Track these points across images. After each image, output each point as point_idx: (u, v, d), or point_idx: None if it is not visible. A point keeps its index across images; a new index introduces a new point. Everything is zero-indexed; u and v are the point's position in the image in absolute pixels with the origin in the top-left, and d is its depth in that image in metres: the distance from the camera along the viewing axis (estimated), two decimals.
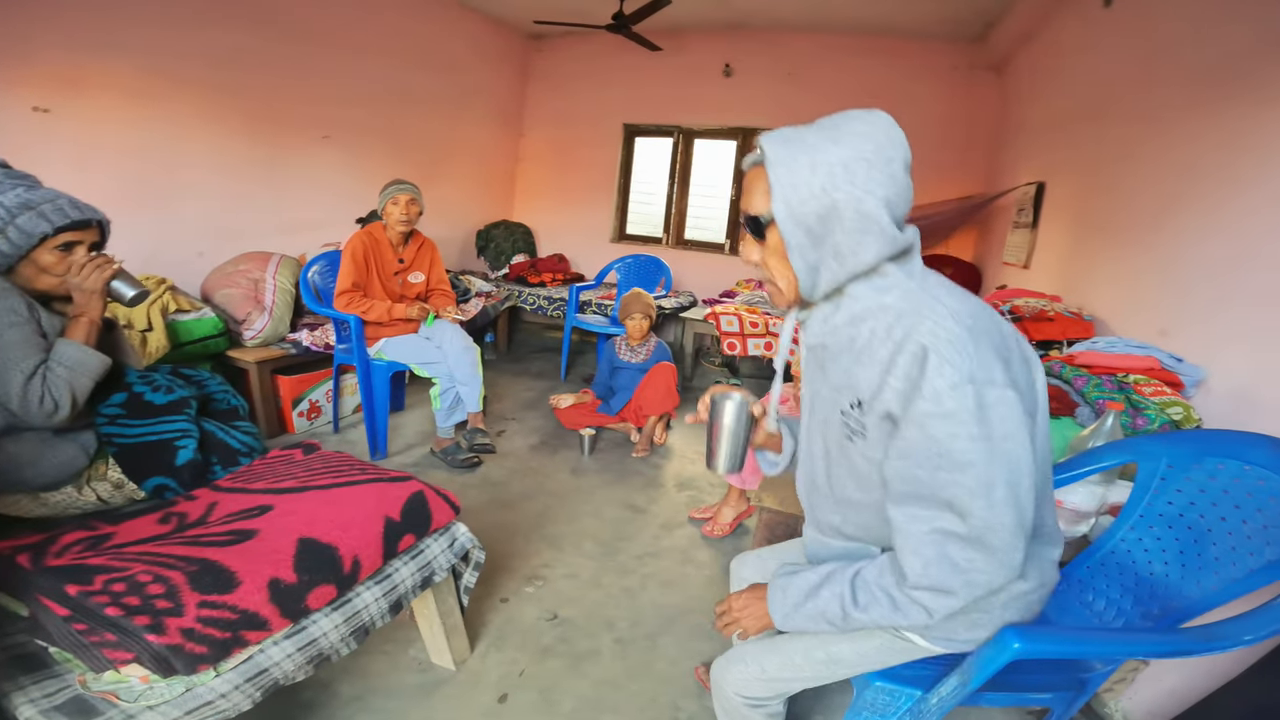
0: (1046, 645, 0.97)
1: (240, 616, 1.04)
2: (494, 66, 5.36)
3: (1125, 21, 2.62)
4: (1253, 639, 0.94)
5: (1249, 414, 1.51)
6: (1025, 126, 3.82)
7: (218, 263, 3.19)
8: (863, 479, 0.94)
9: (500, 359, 4.71)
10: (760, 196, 0.88)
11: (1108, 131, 2.65)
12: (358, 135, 4.13)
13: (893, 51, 4.64)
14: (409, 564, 1.38)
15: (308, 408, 3.11)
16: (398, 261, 2.85)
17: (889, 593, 0.89)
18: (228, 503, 1.34)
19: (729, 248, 5.40)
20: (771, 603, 1.03)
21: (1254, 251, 1.63)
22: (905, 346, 0.81)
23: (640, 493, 2.80)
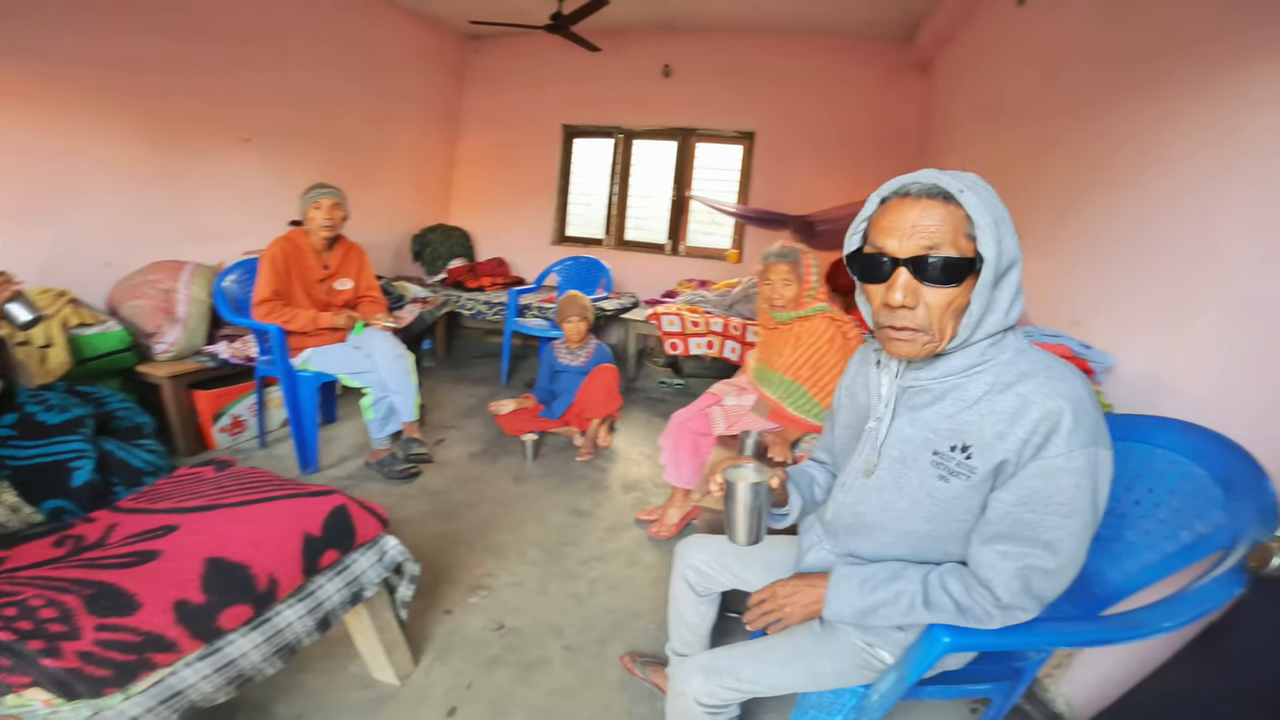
0: (974, 639, 0.99)
1: (144, 639, 1.00)
2: (429, 67, 5.23)
3: (1037, 19, 2.70)
4: (1171, 626, 0.97)
5: (1157, 398, 1.57)
6: (947, 125, 3.95)
7: (126, 273, 2.98)
8: (939, 515, 0.98)
9: (439, 365, 4.59)
10: (958, 238, 0.86)
11: (1021, 128, 2.74)
12: (281, 138, 3.94)
13: (826, 51, 4.76)
14: (334, 580, 1.32)
15: (230, 423, 2.95)
16: (322, 268, 2.73)
17: (957, 600, 0.96)
18: (129, 524, 1.26)
19: (670, 248, 5.43)
20: (835, 588, 1.05)
21: (1157, 243, 1.70)
22: (1038, 404, 0.86)
23: (585, 496, 2.76)
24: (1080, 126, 2.23)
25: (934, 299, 0.88)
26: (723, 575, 1.37)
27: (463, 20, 4.89)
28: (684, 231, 5.41)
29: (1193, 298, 1.55)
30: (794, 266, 2.08)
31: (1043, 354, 0.93)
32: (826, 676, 1.12)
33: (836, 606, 1.04)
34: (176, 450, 2.80)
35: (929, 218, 0.86)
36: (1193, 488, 1.15)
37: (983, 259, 0.85)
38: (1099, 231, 1.98)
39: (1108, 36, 2.11)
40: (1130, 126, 1.91)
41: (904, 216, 0.87)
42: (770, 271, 2.09)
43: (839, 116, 4.85)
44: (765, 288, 2.12)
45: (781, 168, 5.01)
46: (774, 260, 2.09)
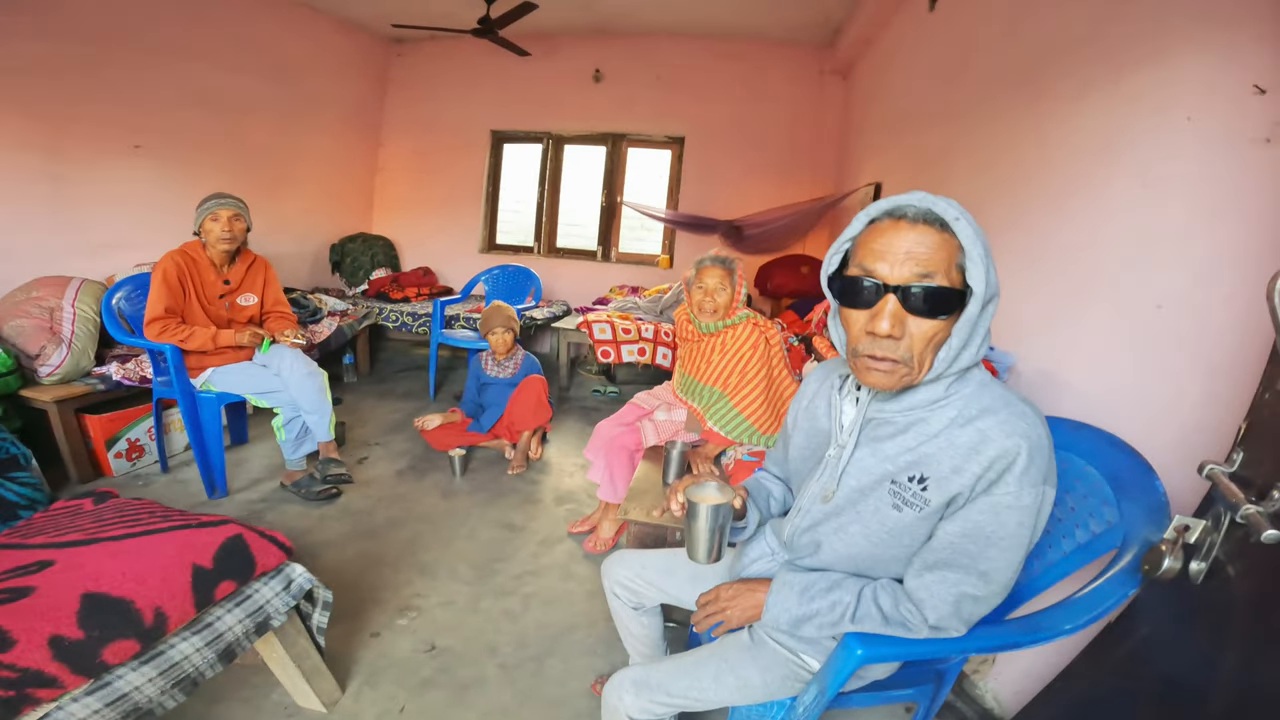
0: (886, 649, 1.00)
1: (21, 675, 0.96)
2: (346, 71, 5.05)
3: (946, 23, 2.78)
4: (1072, 628, 1.00)
5: (1055, 396, 1.64)
6: (866, 129, 4.08)
7: (6, 290, 2.72)
8: (887, 540, 0.99)
9: (362, 381, 4.41)
10: (950, 268, 0.83)
11: (930, 131, 2.84)
12: (178, 145, 3.71)
13: (754, 56, 4.87)
14: (234, 611, 1.25)
15: (127, 448, 2.73)
16: (222, 283, 2.56)
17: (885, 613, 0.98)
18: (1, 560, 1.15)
19: (601, 254, 5.42)
20: (776, 594, 1.06)
21: (1051, 243, 1.78)
22: (996, 441, 0.86)
23: (517, 510, 2.70)
24: (981, 129, 2.31)
25: (919, 330, 0.85)
26: (649, 590, 1.37)
27: (384, 23, 4.76)
28: (615, 238, 5.42)
29: (1083, 296, 1.62)
30: (729, 273, 2.07)
31: (1004, 389, 0.93)
32: (756, 688, 1.12)
33: (775, 612, 1.05)
34: (70, 479, 2.58)
35: (924, 244, 0.83)
36: (1086, 486, 1.19)
37: (971, 291, 0.84)
38: (1000, 233, 2.03)
39: (1006, 40, 2.18)
40: (1025, 129, 1.99)
41: (898, 241, 0.83)
42: (705, 275, 2.06)
43: (766, 121, 4.96)
44: (697, 293, 2.08)
45: (711, 172, 5.09)
46: (709, 264, 2.07)
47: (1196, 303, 1.27)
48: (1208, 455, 0.92)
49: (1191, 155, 1.31)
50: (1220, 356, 1.20)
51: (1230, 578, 0.87)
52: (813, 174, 4.93)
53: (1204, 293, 1.25)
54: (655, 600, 1.38)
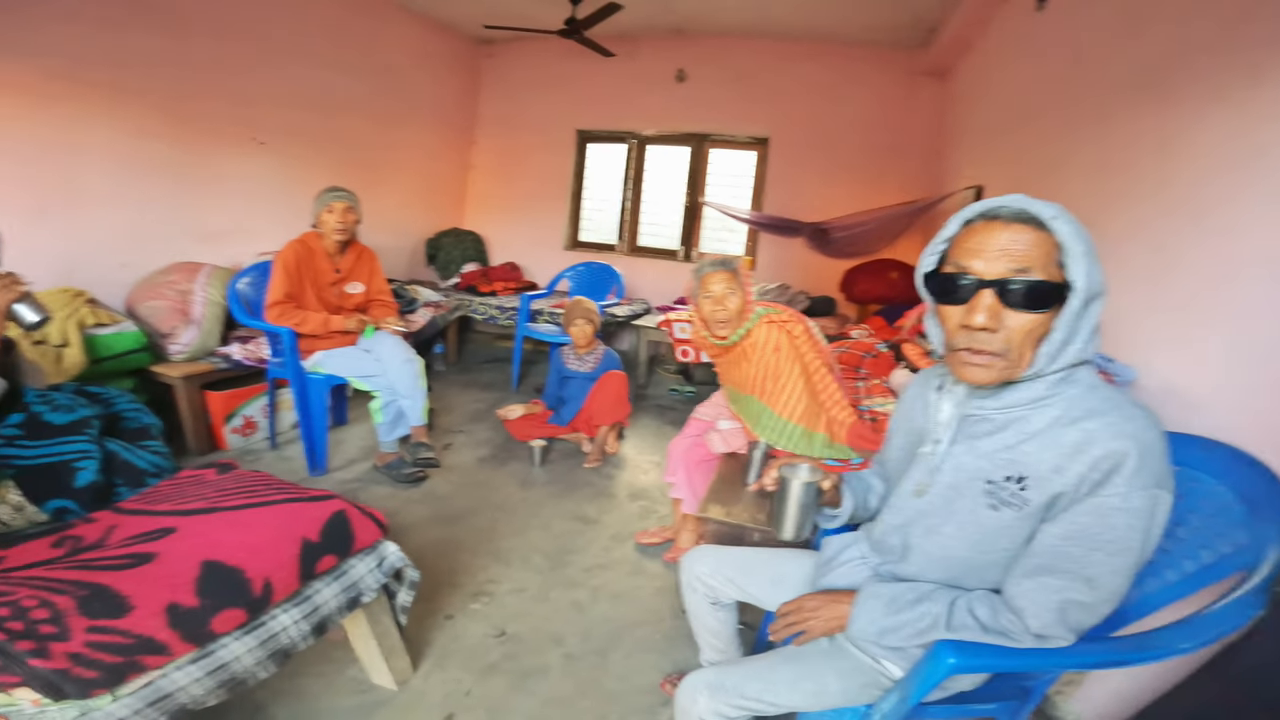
0: (980, 660, 0.96)
1: (135, 641, 0.99)
2: (442, 72, 5.26)
3: (1056, 24, 2.64)
4: (1189, 647, 0.94)
5: (1180, 413, 1.51)
6: (965, 132, 3.91)
7: (143, 274, 3.03)
8: (983, 543, 0.97)
9: (450, 370, 4.61)
10: (1047, 264, 0.84)
11: (1040, 135, 2.68)
12: (294, 140, 3.99)
13: (840, 57, 4.74)
14: (332, 585, 1.32)
15: (242, 423, 2.97)
16: (334, 271, 2.75)
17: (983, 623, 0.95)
18: (128, 525, 1.26)
19: (683, 254, 5.42)
20: (862, 606, 1.05)
21: (1181, 257, 1.65)
22: (1102, 442, 0.84)
23: (591, 504, 2.75)
24: (1098, 134, 2.17)
25: (1016, 323, 0.86)
26: (728, 588, 1.36)
27: (475, 25, 4.93)
28: (697, 238, 5.40)
29: (1216, 313, 1.50)
30: (733, 275, 1.90)
31: (1115, 392, 0.90)
32: (833, 695, 1.10)
33: (861, 624, 1.04)
34: (189, 451, 2.83)
35: (1020, 241, 0.84)
36: (1214, 506, 1.12)
37: (1072, 286, 0.84)
38: (1122, 244, 1.91)
39: (1125, 42, 2.06)
40: (1150, 137, 1.86)
41: (993, 239, 0.86)
42: (710, 283, 1.90)
43: (853, 123, 4.82)
44: (706, 304, 1.91)
45: (796, 174, 4.99)
46: (710, 270, 1.90)
47: None
48: None
49: None
50: None
51: None
52: (903, 177, 4.73)
53: None
54: (733, 597, 1.38)
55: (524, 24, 4.33)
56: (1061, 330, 0.85)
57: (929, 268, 0.95)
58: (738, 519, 1.66)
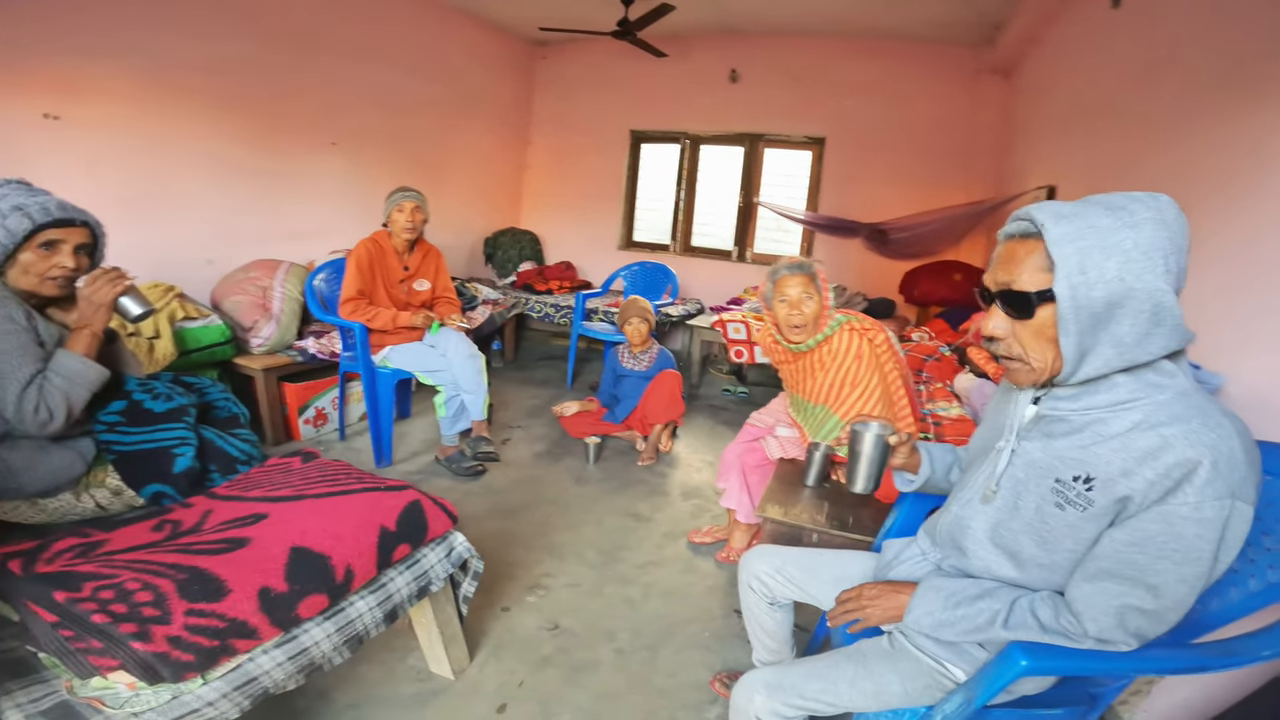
0: (1054, 662, 0.94)
1: (229, 625, 1.03)
2: (498, 73, 5.38)
3: (1133, 22, 2.56)
4: (1271, 654, 0.92)
5: (1268, 422, 1.44)
6: (1033, 130, 3.77)
7: (227, 270, 3.22)
8: (1049, 542, 0.96)
9: (506, 367, 4.72)
10: (1031, 272, 0.87)
11: (1116, 135, 2.59)
12: (363, 142, 4.16)
13: (897, 55, 4.63)
14: (404, 574, 1.37)
15: (314, 415, 3.12)
16: (403, 269, 2.86)
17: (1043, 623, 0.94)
18: (223, 510, 1.34)
19: (737, 254, 5.39)
20: (920, 597, 1.05)
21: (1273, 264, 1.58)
22: (1177, 449, 0.82)
23: (643, 501, 2.78)
24: (1179, 132, 2.09)
25: (1021, 330, 0.91)
26: (788, 588, 1.36)
27: (530, 26, 5.00)
28: (751, 238, 5.36)
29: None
30: (811, 279, 1.84)
31: (1206, 400, 0.87)
32: (894, 696, 1.09)
33: (917, 614, 1.04)
34: (265, 440, 2.98)
35: (1015, 252, 0.90)
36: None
37: (1054, 292, 0.85)
38: (1208, 247, 1.81)
39: (1212, 38, 1.97)
40: (1235, 134, 1.77)
41: (999, 251, 0.93)
42: (785, 286, 1.83)
43: (914, 122, 4.70)
44: (780, 307, 1.85)
45: (853, 174, 4.90)
46: (788, 273, 1.83)
47: None
48: None
49: None
50: None
51: None
52: (966, 177, 4.59)
53: None
54: (792, 597, 1.38)
55: (577, 25, 4.38)
56: (1064, 335, 0.85)
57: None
58: (796, 519, 1.66)
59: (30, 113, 2.60)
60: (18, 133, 2.58)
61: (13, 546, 1.17)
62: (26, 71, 2.56)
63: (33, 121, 2.61)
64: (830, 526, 1.64)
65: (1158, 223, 0.82)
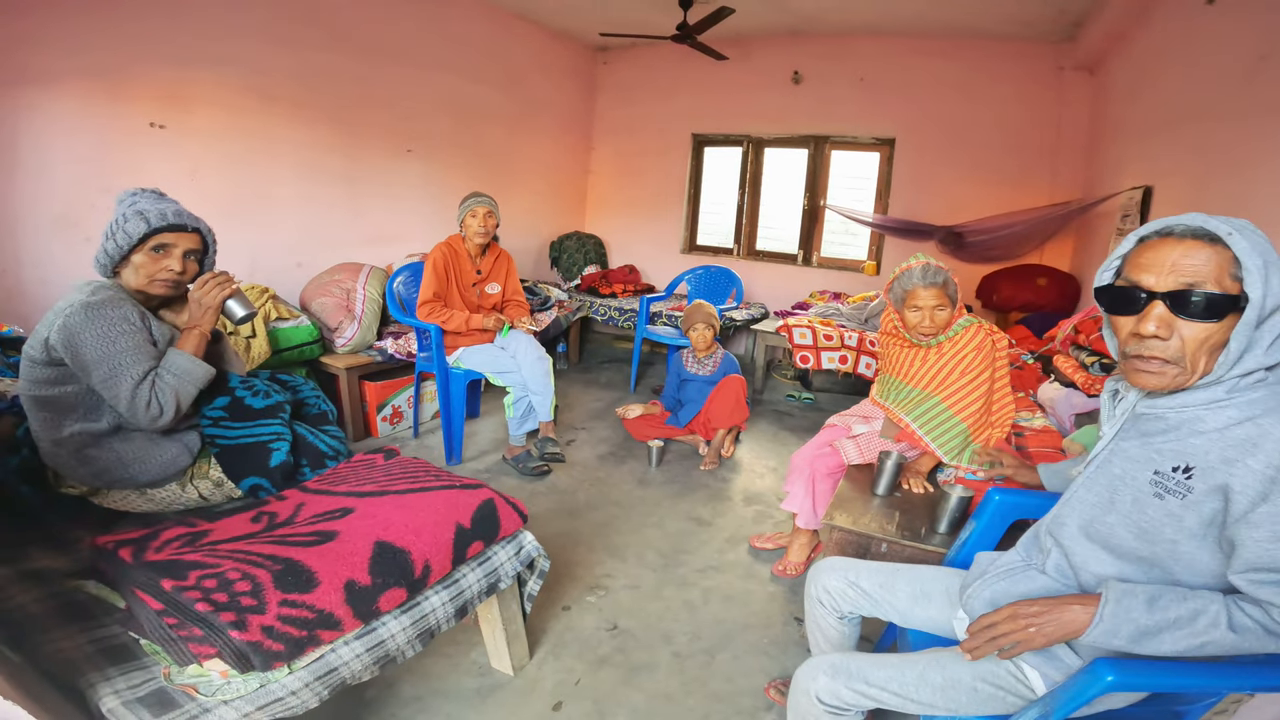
0: (1143, 678, 0.91)
1: (317, 616, 1.07)
2: (560, 79, 5.45)
3: (1231, 19, 2.46)
4: None
5: None
6: (1125, 129, 3.57)
7: (314, 273, 3.41)
8: (1148, 532, 0.96)
9: (571, 369, 4.79)
10: (1222, 276, 0.88)
11: (1219, 134, 2.48)
12: (436, 149, 4.30)
13: (971, 53, 4.46)
14: (476, 570, 1.42)
15: (390, 413, 3.27)
16: (475, 273, 2.97)
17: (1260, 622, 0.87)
18: (314, 504, 1.40)
19: (802, 258, 5.30)
20: (1116, 604, 0.93)
21: None
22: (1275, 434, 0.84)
23: (705, 505, 2.78)
24: None
25: (1190, 333, 0.89)
26: (862, 601, 1.33)
27: (591, 32, 5.05)
28: (817, 242, 5.27)
29: None
30: (944, 288, 1.85)
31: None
32: (963, 691, 1.06)
33: (1113, 623, 0.92)
34: (347, 435, 3.14)
35: (1194, 257, 0.88)
36: None
37: (1248, 298, 0.86)
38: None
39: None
40: None
41: (1165, 255, 0.90)
42: (917, 299, 1.86)
43: (990, 121, 4.51)
44: (912, 314, 1.88)
45: (924, 175, 4.74)
46: (922, 285, 1.85)
47: None
48: None
49: None
50: None
51: None
52: (1051, 177, 4.36)
53: None
54: (863, 612, 1.34)
55: (637, 30, 4.41)
56: (1238, 340, 0.86)
57: (1104, 282, 0.99)
58: (865, 528, 1.63)
59: (138, 121, 2.79)
60: (127, 140, 2.76)
61: (123, 535, 1.22)
62: (132, 81, 2.73)
63: (140, 129, 2.80)
64: (901, 537, 1.61)
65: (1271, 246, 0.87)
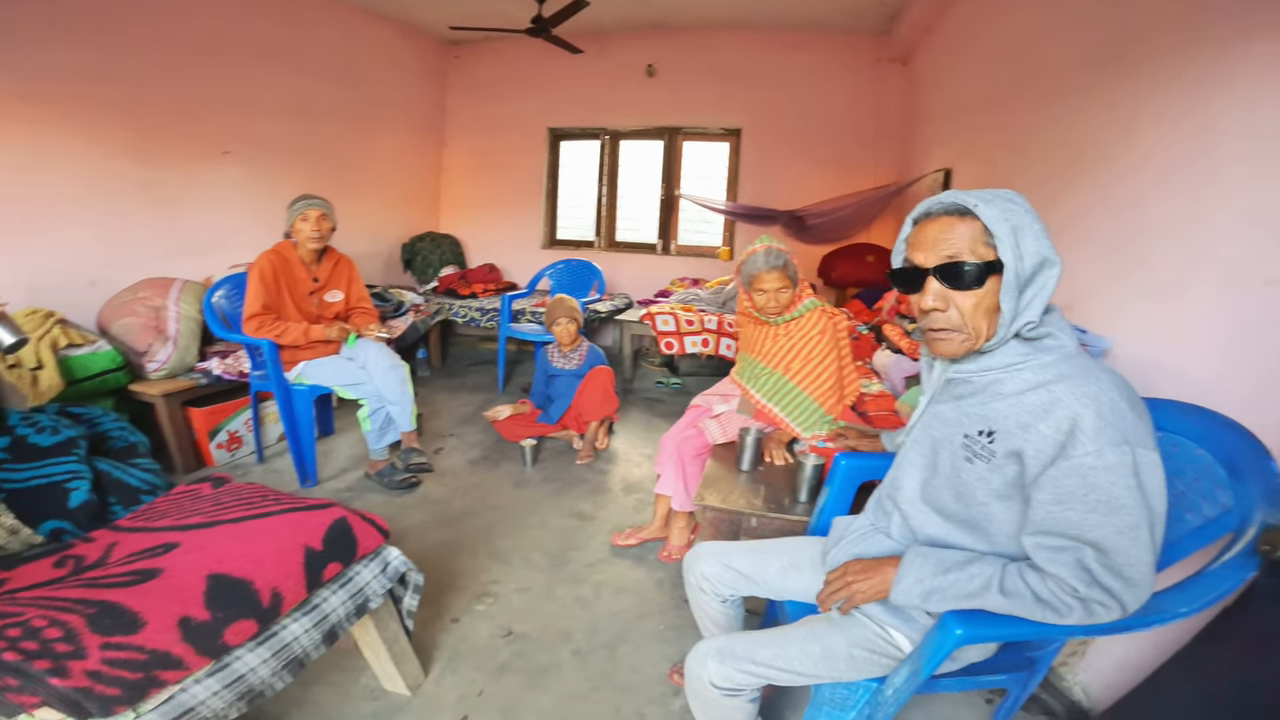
0: (987, 630, 0.98)
1: (150, 656, 0.99)
2: (409, 75, 5.20)
3: (1019, 8, 2.69)
4: (1188, 611, 0.96)
5: (1156, 379, 1.55)
6: (931, 116, 3.97)
7: (112, 291, 2.95)
8: (964, 496, 1.05)
9: (435, 375, 4.58)
10: (975, 246, 0.95)
11: (1004, 116, 2.75)
12: (264, 150, 3.91)
13: (810, 46, 4.78)
14: (338, 593, 1.32)
15: (227, 439, 2.92)
16: (311, 280, 2.71)
17: (1034, 590, 0.95)
18: (129, 542, 1.25)
19: (661, 247, 5.43)
20: (909, 565, 1.06)
21: (1147, 226, 1.70)
22: (1065, 403, 0.91)
23: (586, 500, 2.75)
24: (1062, 113, 2.23)
25: (962, 302, 0.97)
26: (738, 583, 1.36)
27: (441, 26, 4.87)
28: (675, 230, 5.42)
29: (1185, 279, 1.55)
30: (785, 270, 1.96)
31: (1088, 360, 0.97)
32: (840, 658, 1.12)
33: (907, 583, 1.04)
34: (175, 468, 2.77)
35: (949, 231, 0.97)
36: (1197, 470, 1.15)
37: (1002, 263, 0.94)
38: (1090, 217, 1.96)
39: (1088, 24, 2.11)
40: (1113, 112, 1.91)
41: (929, 233, 0.99)
42: (762, 282, 1.97)
43: (824, 110, 4.88)
44: (759, 297, 1.99)
45: (770, 163, 5.03)
46: (765, 270, 1.95)
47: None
48: None
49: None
50: None
51: None
52: (875, 162, 4.81)
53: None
54: (742, 592, 1.38)
55: (490, 24, 4.29)
56: (1007, 301, 0.94)
57: (895, 266, 1.07)
58: (734, 505, 1.67)
59: None
60: None
61: None
62: None
63: None
64: (768, 510, 1.65)
65: (1032, 211, 0.96)
